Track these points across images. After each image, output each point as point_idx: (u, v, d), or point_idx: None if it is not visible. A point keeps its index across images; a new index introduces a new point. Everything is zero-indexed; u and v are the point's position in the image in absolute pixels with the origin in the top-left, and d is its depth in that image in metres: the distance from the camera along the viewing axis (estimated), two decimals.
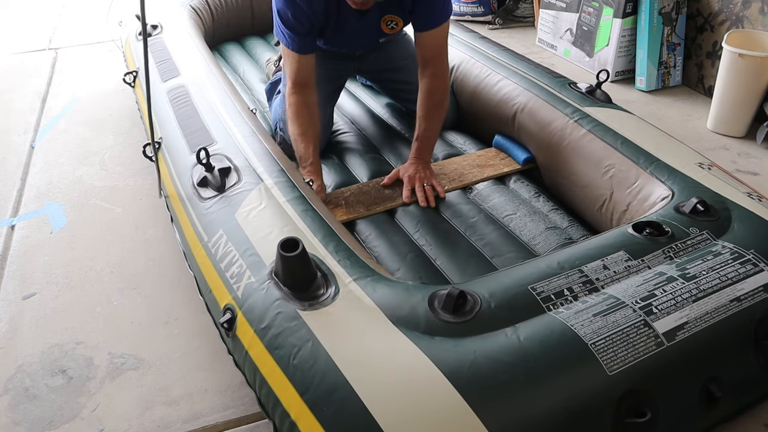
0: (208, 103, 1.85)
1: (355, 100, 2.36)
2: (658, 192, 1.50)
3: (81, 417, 1.38)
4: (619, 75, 2.90)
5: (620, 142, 1.65)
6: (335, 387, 1.00)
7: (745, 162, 2.30)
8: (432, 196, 1.76)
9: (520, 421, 0.97)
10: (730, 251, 1.25)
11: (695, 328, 1.11)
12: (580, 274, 1.21)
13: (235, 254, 1.29)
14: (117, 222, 1.99)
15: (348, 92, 2.44)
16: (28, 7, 4.04)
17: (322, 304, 1.13)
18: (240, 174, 1.51)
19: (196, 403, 1.40)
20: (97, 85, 2.90)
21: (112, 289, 1.72)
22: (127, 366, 1.49)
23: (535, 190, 1.81)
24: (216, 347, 1.51)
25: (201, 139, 1.68)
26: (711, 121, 2.51)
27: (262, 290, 1.18)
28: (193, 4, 2.65)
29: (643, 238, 1.30)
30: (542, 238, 1.60)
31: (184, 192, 1.56)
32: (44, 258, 1.84)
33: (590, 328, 1.07)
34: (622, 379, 1.03)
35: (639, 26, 2.77)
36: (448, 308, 1.10)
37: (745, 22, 2.50)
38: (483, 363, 1.01)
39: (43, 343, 1.56)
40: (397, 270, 1.52)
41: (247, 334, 1.15)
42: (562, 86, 1.92)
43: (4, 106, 2.75)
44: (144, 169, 2.23)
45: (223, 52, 2.83)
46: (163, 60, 2.18)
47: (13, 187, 2.18)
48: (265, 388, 1.09)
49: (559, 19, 3.16)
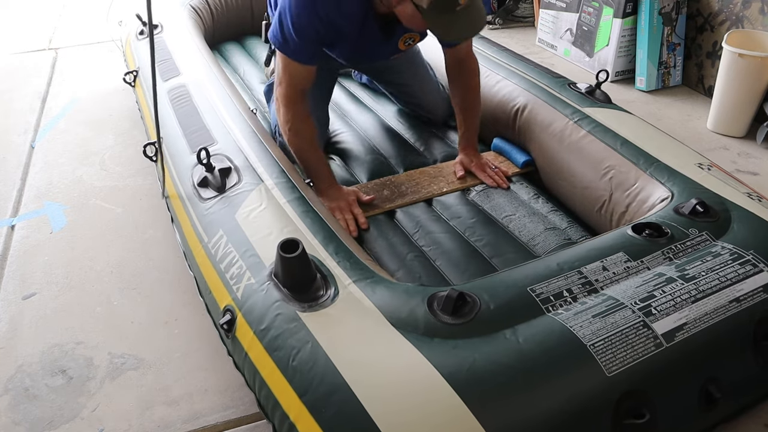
0: (209, 102, 1.85)
1: (354, 100, 2.36)
2: (657, 193, 1.50)
3: (81, 417, 1.38)
4: (619, 75, 2.90)
5: (620, 143, 1.65)
6: (334, 389, 1.00)
7: (745, 162, 2.30)
8: (503, 177, 1.86)
9: (519, 422, 0.97)
10: (729, 252, 1.26)
11: (694, 329, 1.11)
12: (579, 275, 1.21)
13: (235, 255, 1.29)
14: (117, 222, 1.99)
15: (347, 92, 2.44)
16: (28, 7, 4.04)
17: (322, 305, 1.13)
18: (240, 174, 1.51)
19: (196, 403, 1.40)
20: (97, 85, 2.90)
21: (112, 289, 1.72)
22: (127, 366, 1.49)
23: (534, 191, 1.81)
24: (216, 347, 1.51)
25: (201, 139, 1.68)
26: (711, 121, 2.51)
27: (261, 291, 1.18)
28: (193, 4, 2.65)
29: (643, 239, 1.30)
30: (541, 238, 1.61)
31: (185, 192, 1.56)
32: (44, 258, 1.84)
33: (589, 330, 1.07)
34: (621, 381, 1.03)
35: (639, 26, 2.77)
36: (448, 310, 1.10)
37: (745, 22, 2.50)
38: (482, 365, 1.01)
39: (43, 343, 1.56)
40: (396, 271, 1.52)
41: (246, 335, 1.15)
42: (561, 87, 1.92)
43: (4, 106, 2.75)
44: (144, 169, 2.23)
45: (223, 51, 2.83)
46: (164, 60, 2.18)
47: (13, 187, 2.18)
48: (264, 389, 1.10)
49: (559, 19, 3.16)
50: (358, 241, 1.62)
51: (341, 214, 1.67)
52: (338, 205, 1.68)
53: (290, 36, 1.59)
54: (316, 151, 1.74)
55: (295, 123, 1.68)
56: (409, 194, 1.79)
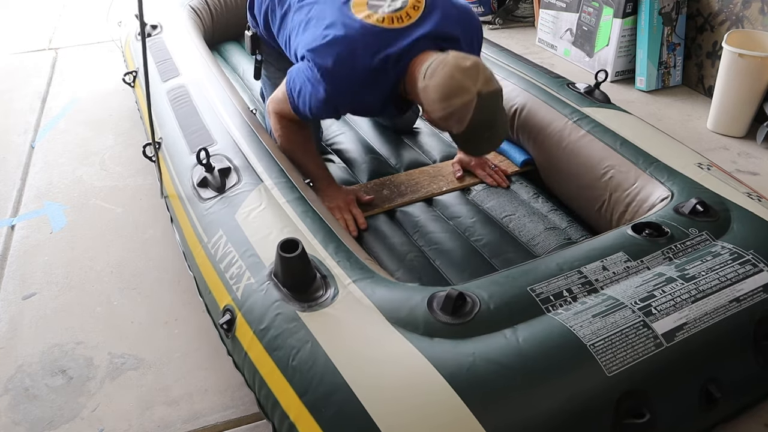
0: (208, 103, 1.85)
1: None
2: (657, 193, 1.50)
3: (81, 417, 1.38)
4: (619, 75, 2.90)
5: (619, 143, 1.65)
6: (334, 388, 1.00)
7: (745, 162, 2.30)
8: (503, 175, 1.85)
9: (518, 422, 0.97)
10: (729, 252, 1.26)
11: (694, 328, 1.11)
12: (579, 275, 1.21)
13: (235, 255, 1.29)
14: (117, 222, 1.99)
15: None
16: (28, 7, 4.04)
17: (322, 305, 1.13)
18: (240, 174, 1.51)
19: (196, 403, 1.40)
20: (97, 85, 2.90)
21: (112, 289, 1.72)
22: (127, 366, 1.49)
23: (534, 190, 1.81)
24: (216, 347, 1.51)
25: (201, 139, 1.68)
26: (711, 121, 2.51)
27: (261, 291, 1.18)
28: (192, 4, 2.65)
29: (643, 239, 1.30)
30: (541, 238, 1.61)
31: (184, 192, 1.56)
32: (44, 258, 1.84)
33: (589, 329, 1.07)
34: (621, 380, 1.03)
35: (639, 26, 2.77)
36: (447, 309, 1.10)
37: (745, 22, 2.50)
38: (482, 364, 1.01)
39: (43, 343, 1.56)
40: (396, 271, 1.52)
41: (246, 335, 1.15)
42: (560, 87, 1.92)
43: (4, 106, 2.75)
44: (144, 169, 2.23)
45: (223, 51, 2.83)
46: (163, 60, 2.18)
47: (13, 187, 2.18)
48: (264, 389, 1.10)
49: (559, 19, 3.16)
50: (357, 240, 1.62)
51: (340, 213, 1.66)
52: (337, 205, 1.68)
53: (307, 104, 1.54)
54: (312, 154, 1.73)
55: (286, 132, 1.66)
56: (408, 194, 1.79)
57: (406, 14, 1.47)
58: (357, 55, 1.44)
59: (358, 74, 1.46)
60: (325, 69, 1.45)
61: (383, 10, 1.48)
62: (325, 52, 1.45)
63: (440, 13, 1.50)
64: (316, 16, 1.53)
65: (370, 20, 1.46)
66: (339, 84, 1.47)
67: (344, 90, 1.48)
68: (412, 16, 1.47)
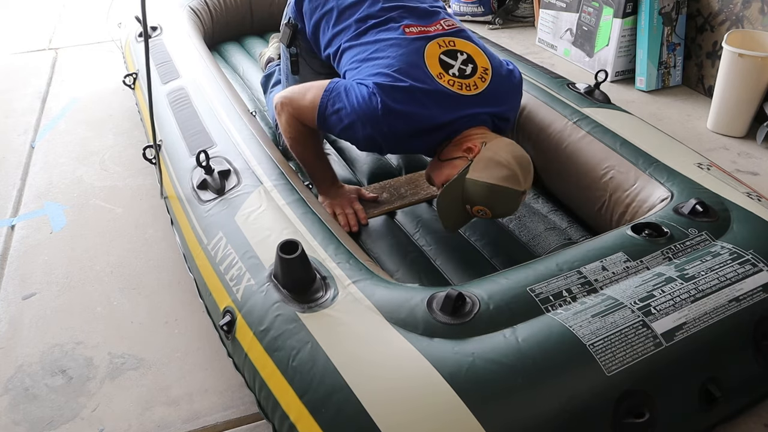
0: (208, 105, 1.85)
1: None
2: (657, 193, 1.50)
3: (81, 417, 1.38)
4: (619, 75, 2.90)
5: (619, 143, 1.65)
6: (334, 389, 1.00)
7: (745, 162, 2.30)
8: None
9: (518, 422, 0.97)
10: (729, 251, 1.26)
11: (694, 328, 1.11)
12: (578, 275, 1.21)
13: (235, 257, 1.29)
14: (117, 222, 1.99)
15: None
16: (28, 7, 4.04)
17: (321, 306, 1.13)
18: (239, 176, 1.51)
19: (196, 403, 1.40)
20: (97, 85, 2.91)
21: (112, 289, 1.73)
22: (127, 366, 1.49)
23: (534, 191, 1.81)
24: (216, 347, 1.51)
25: (201, 141, 1.68)
26: (711, 121, 2.51)
27: (261, 293, 1.18)
28: (192, 5, 2.65)
29: (642, 239, 1.30)
30: (542, 238, 1.61)
31: (184, 194, 1.56)
32: (44, 258, 1.85)
33: (589, 329, 1.07)
34: (620, 380, 1.03)
35: (639, 26, 2.77)
36: (447, 310, 1.10)
37: (745, 22, 2.50)
38: (481, 364, 1.01)
39: (43, 343, 1.56)
40: (396, 271, 1.52)
41: (246, 336, 1.16)
42: (560, 87, 1.92)
43: (4, 106, 2.75)
44: (144, 169, 2.23)
45: (223, 52, 2.83)
46: (163, 62, 2.18)
47: (13, 187, 2.19)
48: (264, 390, 1.10)
49: (559, 19, 3.16)
50: (358, 241, 1.62)
51: (341, 209, 1.67)
52: (339, 203, 1.68)
53: (340, 126, 1.52)
54: (322, 157, 1.72)
55: (300, 136, 1.64)
56: (408, 196, 1.79)
57: (474, 84, 1.51)
58: (427, 109, 1.47)
59: (420, 127, 1.49)
60: (392, 110, 1.45)
61: (453, 72, 1.51)
62: (399, 96, 1.45)
63: (501, 92, 1.56)
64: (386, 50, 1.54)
65: (442, 80, 1.49)
66: (397, 128, 1.48)
67: (399, 134, 1.49)
68: (479, 87, 1.51)
